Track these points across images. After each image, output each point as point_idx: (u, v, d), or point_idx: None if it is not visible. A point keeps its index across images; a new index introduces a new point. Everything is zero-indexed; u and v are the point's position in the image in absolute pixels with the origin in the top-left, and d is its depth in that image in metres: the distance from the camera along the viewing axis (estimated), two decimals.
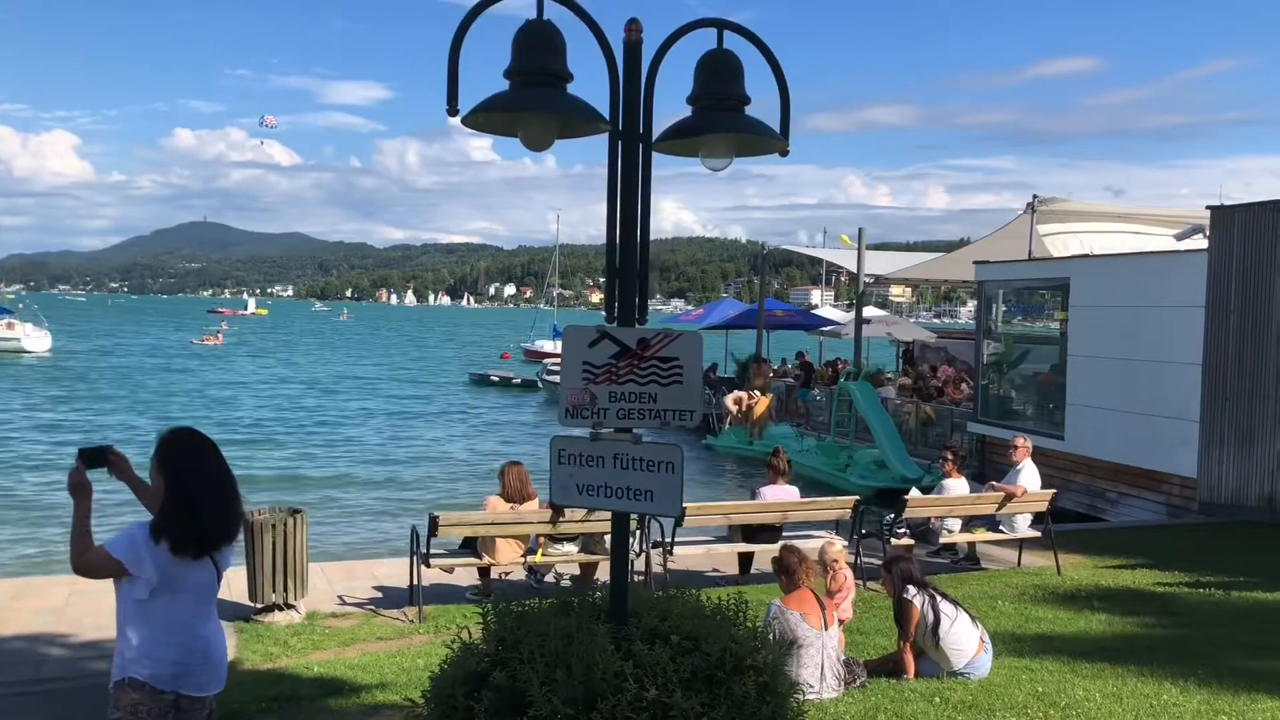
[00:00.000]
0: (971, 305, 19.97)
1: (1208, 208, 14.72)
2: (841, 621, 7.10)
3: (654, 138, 3.87)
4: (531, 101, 3.60)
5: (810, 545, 8.60)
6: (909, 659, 6.79)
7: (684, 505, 9.62)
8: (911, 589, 6.85)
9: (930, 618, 6.75)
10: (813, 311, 41.18)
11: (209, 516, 3.81)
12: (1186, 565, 10.96)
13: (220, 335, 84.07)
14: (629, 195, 3.80)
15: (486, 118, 3.69)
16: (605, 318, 3.89)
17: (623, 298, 3.84)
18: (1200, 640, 7.74)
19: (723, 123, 3.85)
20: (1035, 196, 19.90)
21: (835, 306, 47.17)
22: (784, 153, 4.06)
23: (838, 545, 7.82)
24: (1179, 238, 17.42)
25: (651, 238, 3.96)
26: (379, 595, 9.81)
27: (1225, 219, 14.29)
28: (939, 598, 6.86)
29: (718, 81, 3.87)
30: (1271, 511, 13.60)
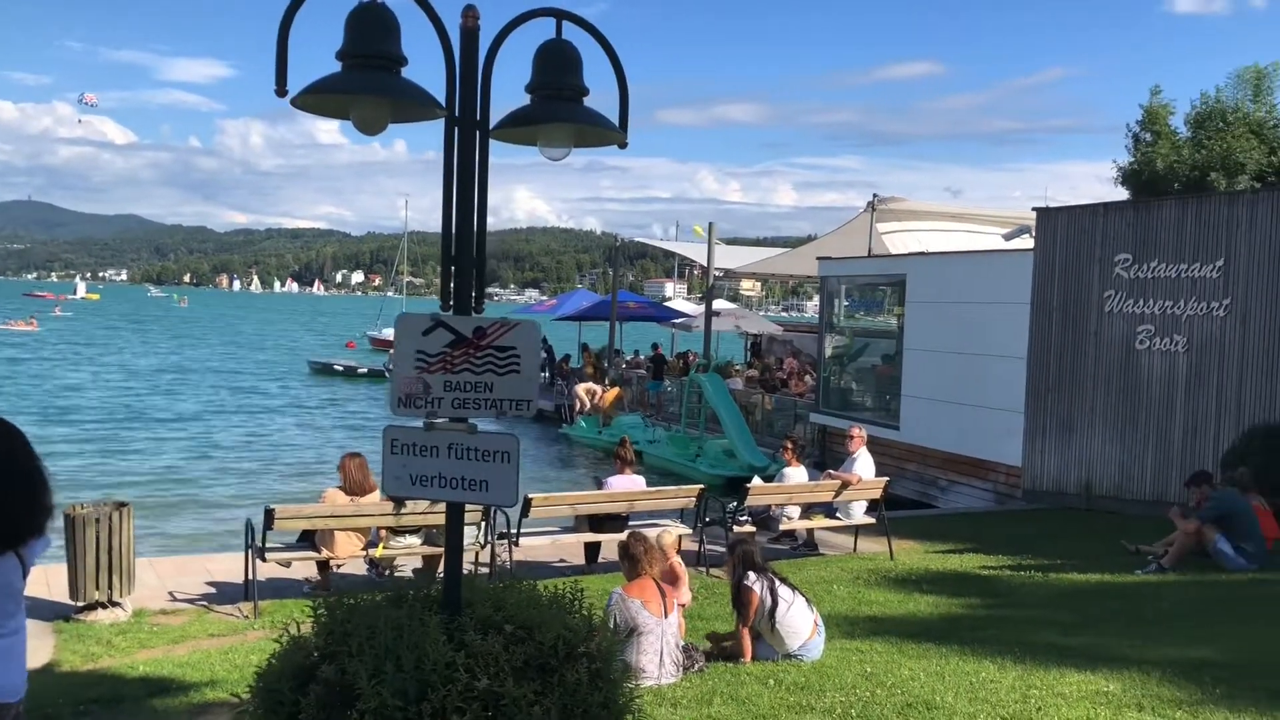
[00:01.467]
0: (817, 300, 20.56)
1: (1033, 209, 15.49)
2: (681, 607, 7.22)
3: (492, 125, 3.85)
4: (363, 84, 3.53)
5: (652, 534, 8.72)
6: (746, 643, 6.95)
7: (530, 496, 9.66)
8: (751, 575, 7.01)
9: (768, 602, 6.92)
10: (665, 304, 41.64)
11: (12, 508, 3.61)
12: (1010, 549, 11.54)
13: (35, 320, 78.96)
14: (466, 182, 3.77)
15: (317, 99, 3.60)
16: (441, 306, 3.85)
17: (459, 286, 3.81)
18: (1019, 620, 8.17)
19: (560, 112, 3.85)
20: (875, 196, 20.60)
21: (688, 299, 47.80)
22: (622, 145, 4.10)
23: (673, 534, 7.94)
24: (1007, 238, 18.32)
25: (506, 227, 4.01)
26: (212, 591, 9.47)
27: (1049, 221, 15.09)
28: (778, 582, 7.04)
29: (555, 71, 3.87)
30: (1088, 498, 14.43)
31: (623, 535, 7.43)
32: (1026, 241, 15.97)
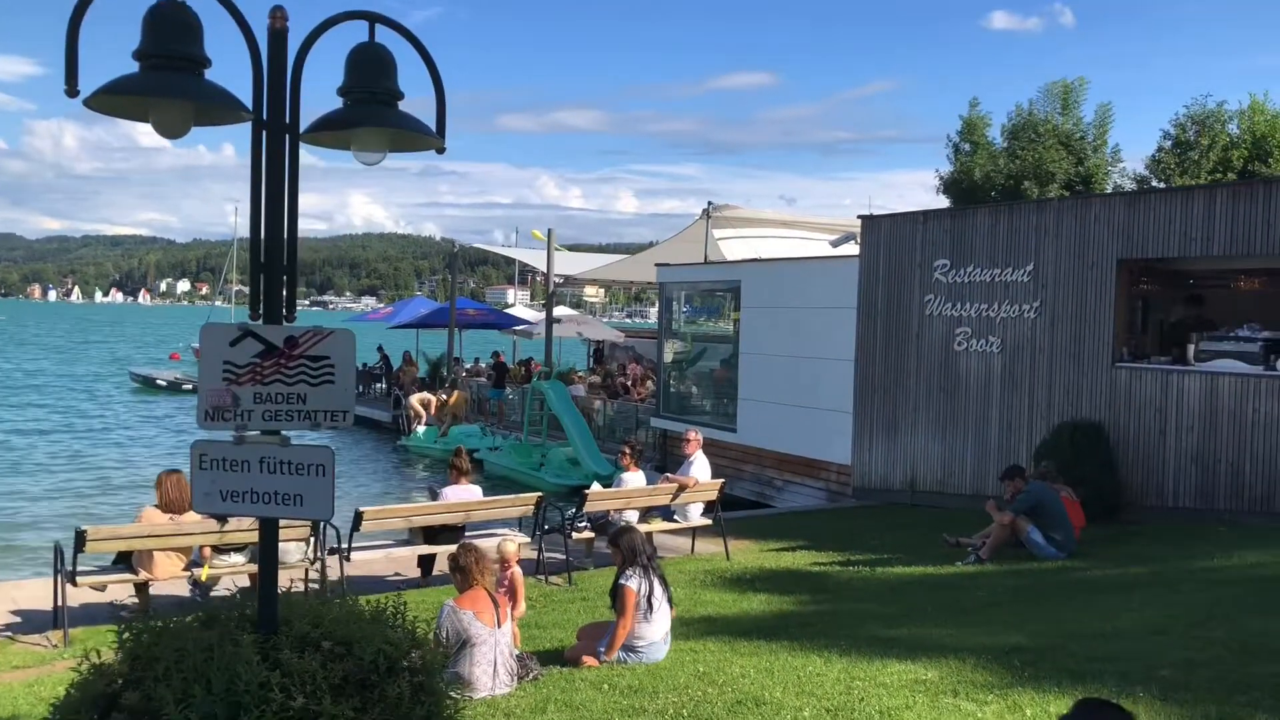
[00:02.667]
0: (675, 306, 20.79)
1: (859, 217, 16.07)
2: (516, 618, 7.18)
3: (302, 129, 3.75)
4: (161, 86, 3.39)
5: (491, 544, 8.65)
6: (621, 636, 6.89)
7: (362, 509, 9.45)
8: (629, 571, 6.98)
9: (644, 596, 6.89)
10: (506, 310, 41.40)
11: None
12: (840, 546, 11.91)
13: None
14: (275, 187, 3.67)
15: (112, 101, 3.43)
16: (250, 315, 3.73)
17: (268, 294, 3.69)
18: (847, 614, 8.44)
19: (374, 116, 3.78)
20: (710, 203, 21.03)
21: (529, 306, 47.64)
22: (440, 150, 4.05)
23: (513, 543, 7.89)
24: (834, 244, 18.95)
25: (341, 233, 3.92)
26: (17, 620, 8.91)
27: (873, 228, 15.68)
28: (655, 581, 7.03)
29: (368, 75, 3.80)
30: (913, 494, 15.03)
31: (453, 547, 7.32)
32: (853, 248, 16.54)
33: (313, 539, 9.04)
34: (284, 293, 3.72)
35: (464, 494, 10.28)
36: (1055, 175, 29.08)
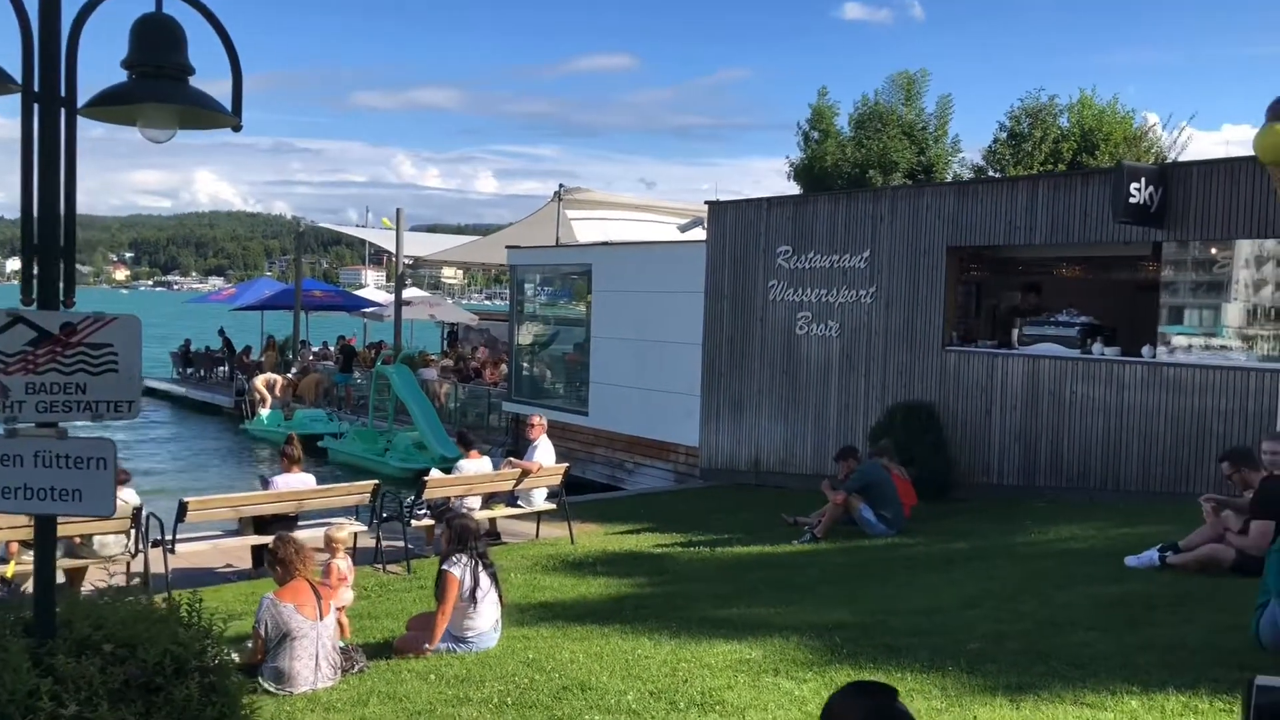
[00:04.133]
0: (528, 288, 20.58)
1: (706, 203, 16.24)
2: (340, 608, 7.02)
3: (81, 103, 3.54)
4: None
5: (319, 535, 8.44)
6: (441, 626, 6.78)
7: (186, 500, 9.08)
8: (455, 558, 6.86)
9: (468, 584, 6.80)
10: (357, 293, 40.43)
11: None
12: (683, 527, 12.05)
13: None
14: (50, 163, 3.45)
15: None
16: (22, 300, 3.50)
17: (42, 277, 3.48)
18: (681, 595, 8.53)
19: (160, 92, 3.60)
20: (561, 186, 20.94)
21: (384, 288, 46.65)
22: (236, 128, 3.88)
23: (343, 530, 7.70)
24: (683, 229, 19.11)
25: (186, 211, 3.74)
26: None
27: (719, 213, 15.87)
28: (482, 568, 6.93)
29: (154, 48, 3.61)
30: (757, 474, 15.33)
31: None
32: (701, 233, 16.72)
33: (134, 530, 8.64)
34: (61, 276, 3.51)
35: (296, 482, 9.98)
36: (899, 165, 29.94)
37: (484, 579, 6.83)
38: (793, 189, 31.47)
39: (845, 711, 2.53)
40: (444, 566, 6.83)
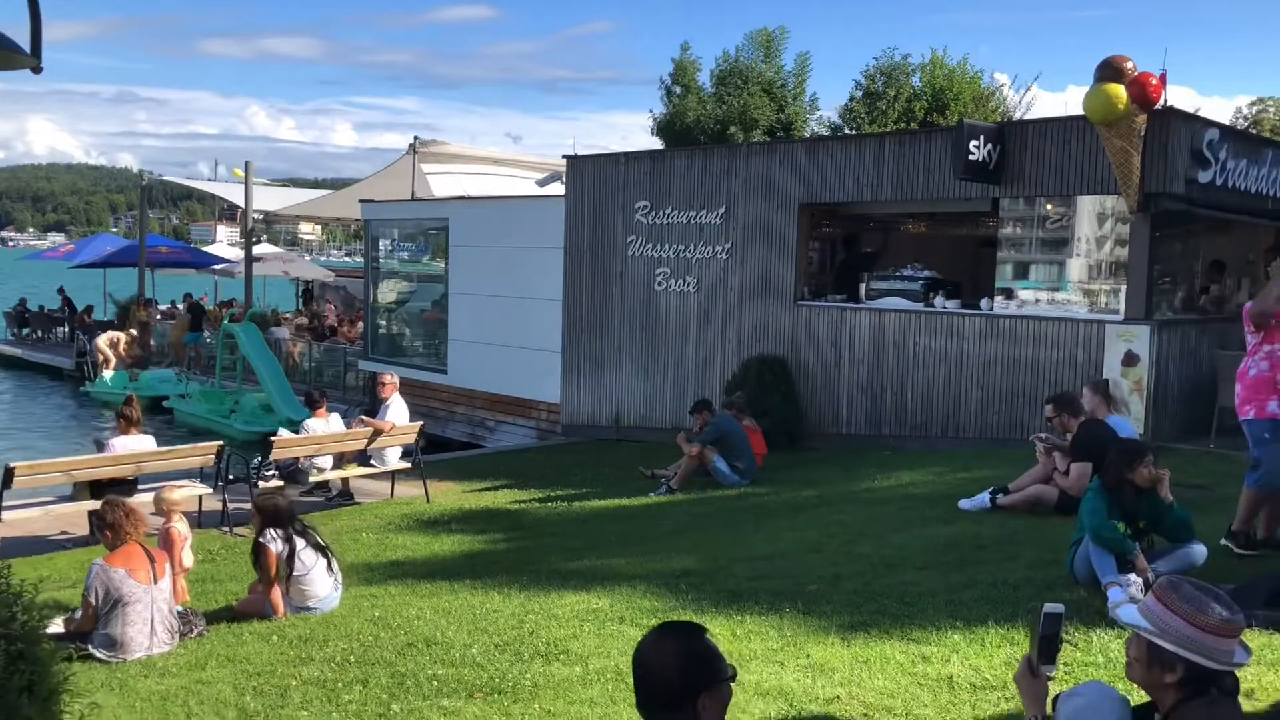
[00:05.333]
0: (383, 244, 20.11)
1: (564, 157, 16.13)
2: (181, 572, 6.82)
3: None
4: None
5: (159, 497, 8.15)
6: (275, 598, 6.68)
7: (12, 465, 8.65)
8: (270, 532, 6.74)
9: (286, 557, 6.70)
10: (207, 249, 38.93)
11: None
12: (542, 483, 12.07)
13: None
14: None
15: None
16: None
17: None
18: (534, 549, 8.57)
19: None
20: (416, 138, 20.50)
21: (236, 244, 45.01)
22: (36, 70, 3.65)
23: (176, 493, 7.45)
24: (541, 184, 18.98)
25: (21, 163, 3.53)
26: None
27: (578, 168, 15.80)
28: (297, 537, 6.81)
29: None
30: (619, 429, 15.43)
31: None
32: (559, 188, 16.62)
33: None
34: None
35: (134, 444, 9.61)
36: (759, 122, 30.31)
37: (308, 552, 6.71)
38: (656, 144, 31.52)
39: (653, 653, 2.59)
40: (260, 539, 6.70)
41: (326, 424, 11.15)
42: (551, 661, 5.26)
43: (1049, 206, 11.71)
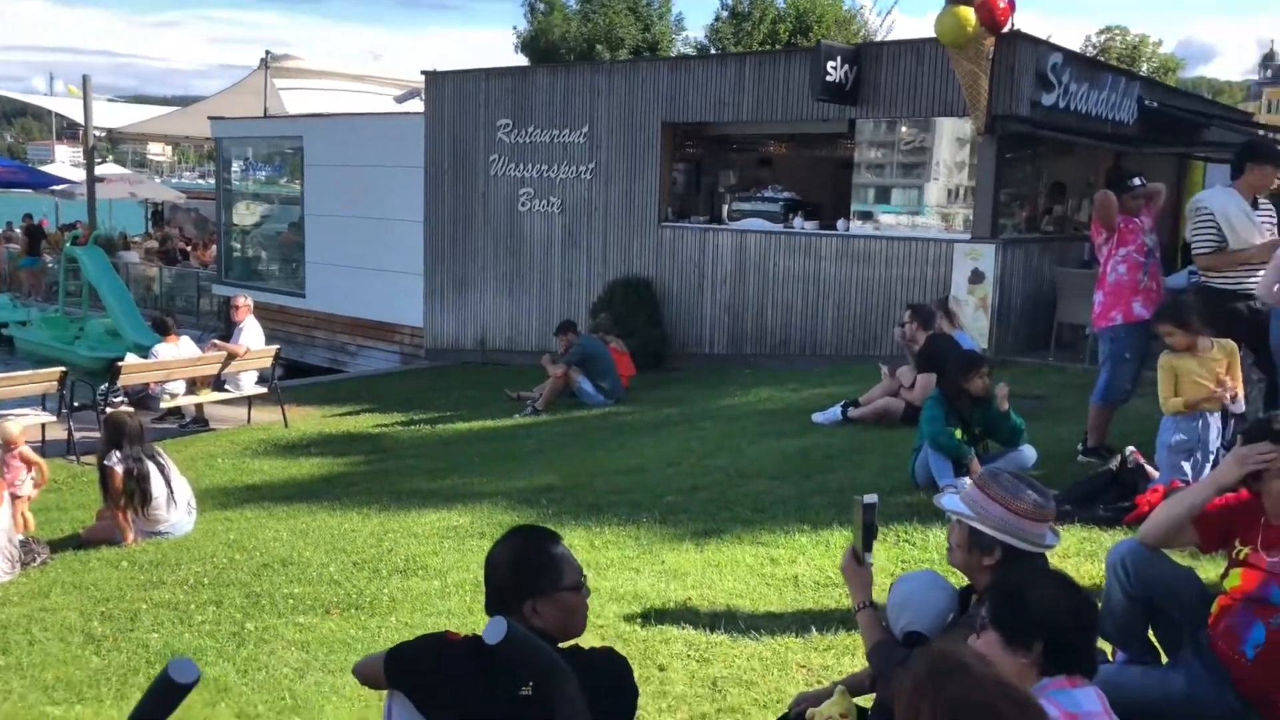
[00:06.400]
0: (236, 165, 19.29)
1: (423, 73, 15.71)
2: (20, 499, 6.57)
3: None
4: None
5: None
6: (123, 523, 6.49)
7: None
8: (116, 453, 6.52)
9: (135, 478, 6.50)
10: (46, 169, 36.76)
11: None
12: (405, 407, 11.95)
13: None
14: None
15: None
16: None
17: None
18: (396, 471, 8.53)
19: None
20: (268, 53, 19.65)
21: (79, 165, 42.60)
22: None
23: (13, 425, 7.14)
24: (399, 100, 18.46)
25: None
26: None
27: (437, 85, 15.40)
28: (149, 462, 6.62)
29: None
30: (484, 352, 15.35)
31: None
32: (419, 105, 16.19)
33: None
34: None
35: None
36: (625, 40, 30.07)
37: (158, 476, 6.54)
38: (520, 61, 30.98)
39: (494, 555, 2.62)
40: (105, 462, 6.50)
41: (177, 349, 10.79)
42: (410, 577, 5.29)
43: (904, 129, 11.99)
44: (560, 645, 2.57)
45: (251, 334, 11.16)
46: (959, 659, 1.88)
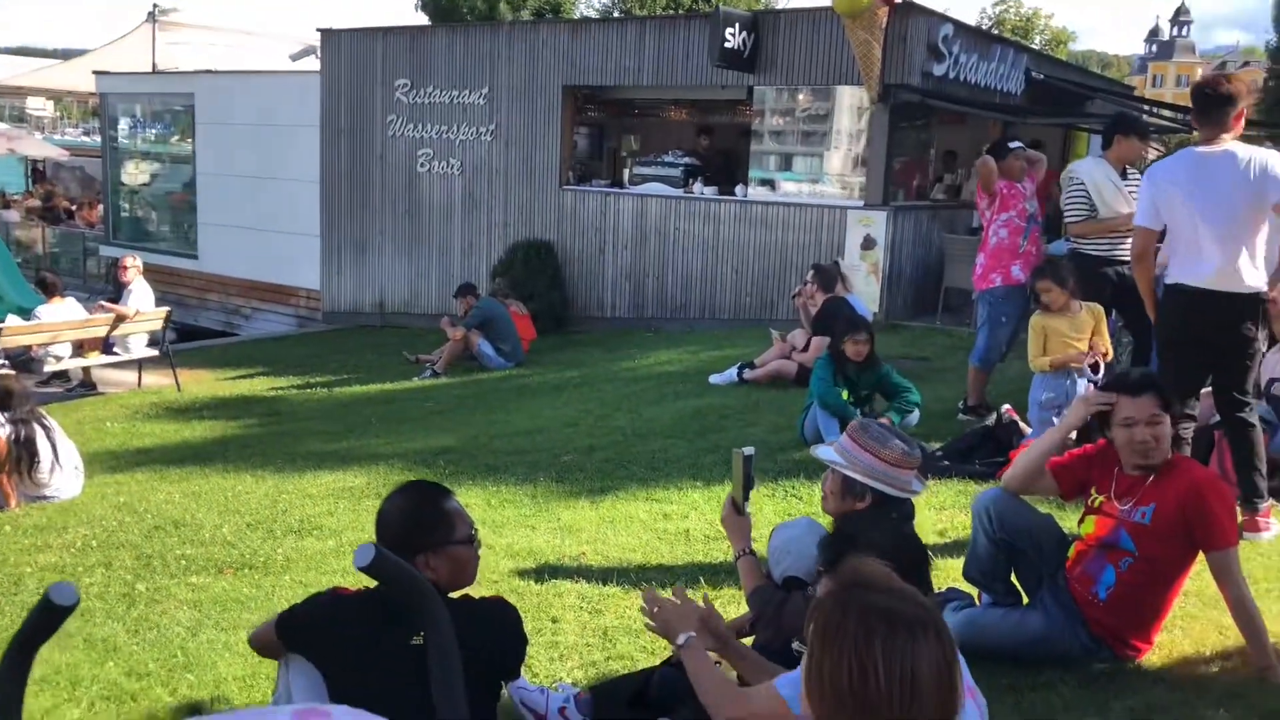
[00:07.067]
0: (124, 122, 18.60)
1: (318, 30, 15.37)
2: None
3: None
4: None
5: None
6: (7, 488, 6.33)
7: None
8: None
9: (18, 442, 6.34)
10: None
11: None
12: (301, 370, 11.80)
13: None
14: None
15: None
16: None
17: None
18: (291, 433, 8.45)
19: None
20: (155, 6, 18.98)
21: None
22: None
23: None
24: (294, 58, 18.04)
25: None
26: None
27: (333, 42, 15.09)
28: (35, 425, 6.46)
29: None
30: (383, 315, 15.19)
31: None
32: (314, 63, 15.85)
33: None
34: None
35: None
36: (527, 1, 29.76)
37: (42, 439, 6.39)
38: (421, 19, 30.44)
39: (385, 509, 2.68)
40: None
41: (63, 310, 10.47)
42: (305, 537, 5.30)
43: (802, 97, 12.16)
44: (450, 595, 2.65)
45: (141, 296, 10.89)
46: (875, 571, 1.98)
